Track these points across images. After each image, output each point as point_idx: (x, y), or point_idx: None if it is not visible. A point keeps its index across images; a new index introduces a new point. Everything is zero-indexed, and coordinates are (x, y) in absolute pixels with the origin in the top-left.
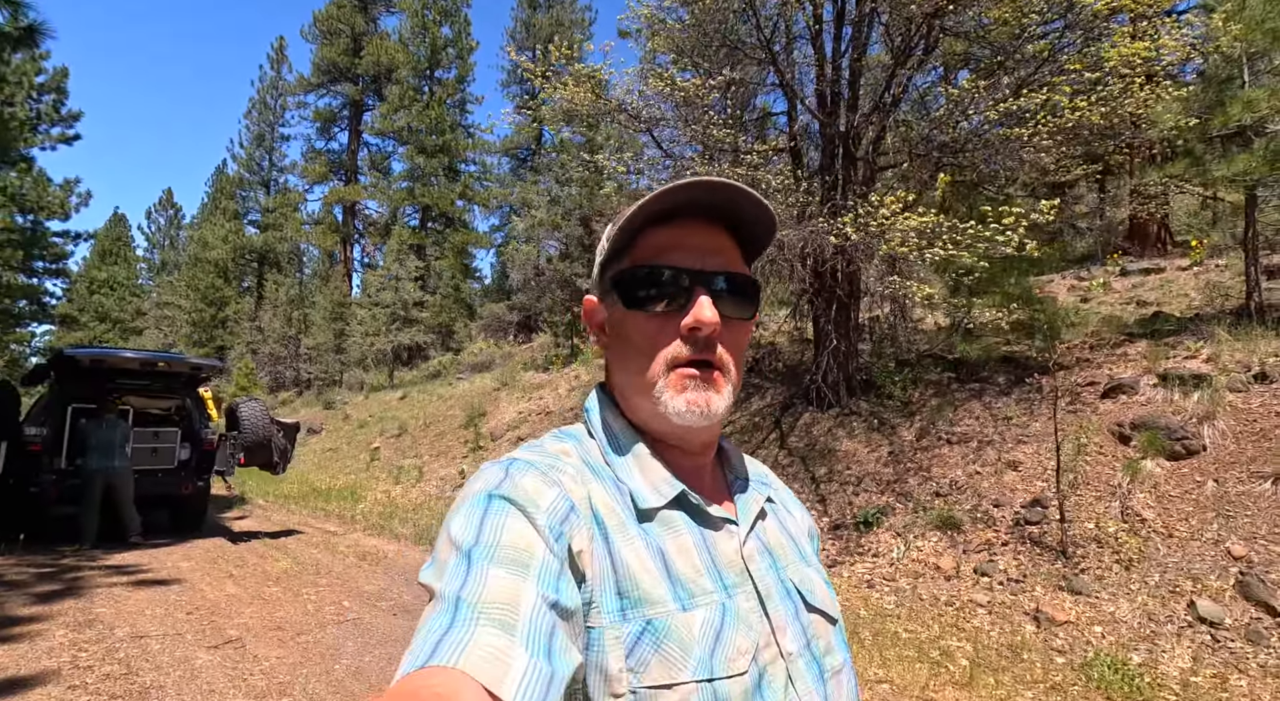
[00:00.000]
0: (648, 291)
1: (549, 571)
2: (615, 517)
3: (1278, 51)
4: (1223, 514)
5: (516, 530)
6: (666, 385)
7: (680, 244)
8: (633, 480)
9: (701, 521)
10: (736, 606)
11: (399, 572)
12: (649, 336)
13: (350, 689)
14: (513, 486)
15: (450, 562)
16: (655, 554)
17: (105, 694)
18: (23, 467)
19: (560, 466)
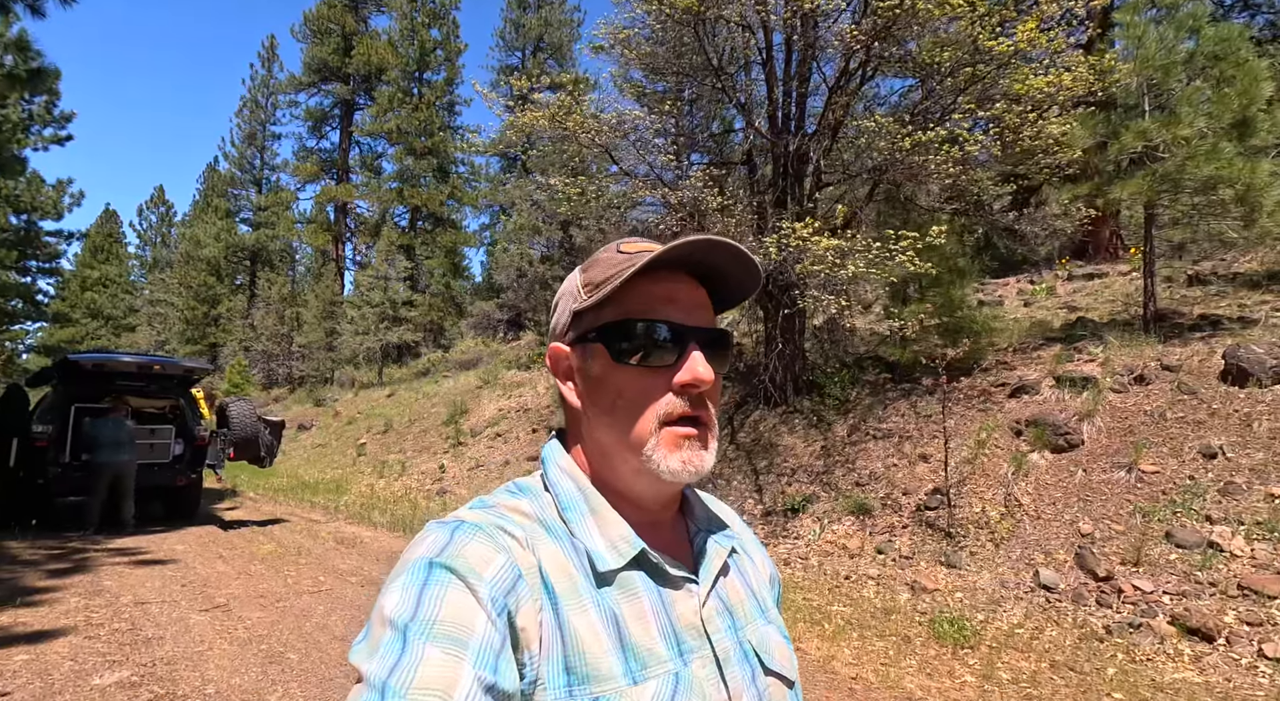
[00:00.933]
0: (642, 346)
1: (488, 649)
2: (568, 582)
3: (1170, 84)
4: (1083, 498)
5: (456, 603)
6: (659, 443)
7: (672, 298)
8: (590, 539)
9: (661, 581)
10: (691, 674)
11: (372, 555)
12: (639, 392)
13: (316, 639)
14: (455, 553)
15: (384, 640)
16: (609, 621)
17: (114, 642)
18: (31, 461)
19: (510, 528)
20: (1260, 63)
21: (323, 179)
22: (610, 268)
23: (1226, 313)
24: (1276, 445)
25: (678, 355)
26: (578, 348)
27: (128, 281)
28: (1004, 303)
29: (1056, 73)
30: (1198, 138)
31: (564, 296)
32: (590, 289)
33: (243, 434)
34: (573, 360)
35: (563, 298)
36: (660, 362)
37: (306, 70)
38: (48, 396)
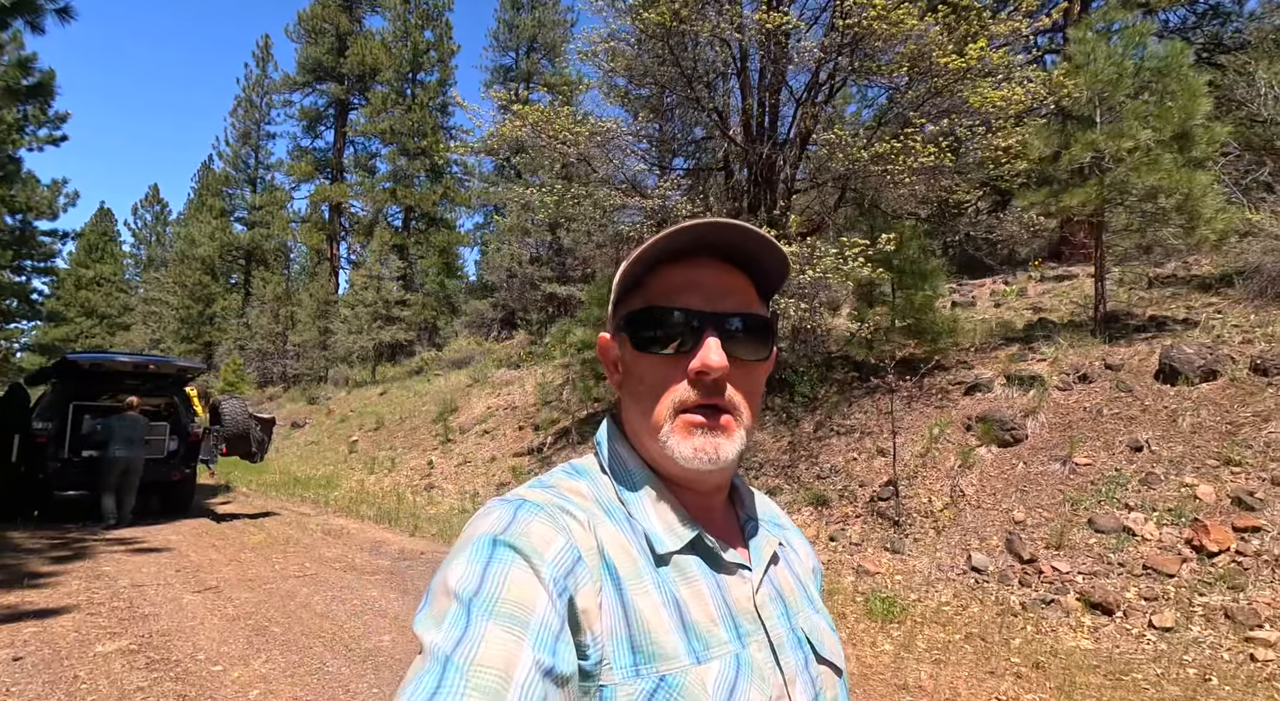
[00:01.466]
0: (656, 333)
1: (548, 631)
2: (629, 563)
3: (1117, 98)
4: (1020, 489)
5: (520, 582)
6: (673, 430)
7: (693, 284)
8: (648, 521)
9: (715, 566)
10: (750, 657)
11: (356, 544)
12: (657, 379)
13: (299, 615)
14: (519, 532)
15: (449, 612)
16: (670, 602)
17: (114, 618)
18: (32, 456)
19: (570, 509)
20: (1200, 79)
21: (317, 178)
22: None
23: (1174, 314)
24: (1196, 438)
25: (695, 342)
26: (616, 337)
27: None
28: (977, 303)
29: (1009, 87)
30: (1141, 149)
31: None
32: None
33: (235, 430)
34: (616, 350)
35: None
36: (677, 350)
37: (301, 70)
38: (47, 394)
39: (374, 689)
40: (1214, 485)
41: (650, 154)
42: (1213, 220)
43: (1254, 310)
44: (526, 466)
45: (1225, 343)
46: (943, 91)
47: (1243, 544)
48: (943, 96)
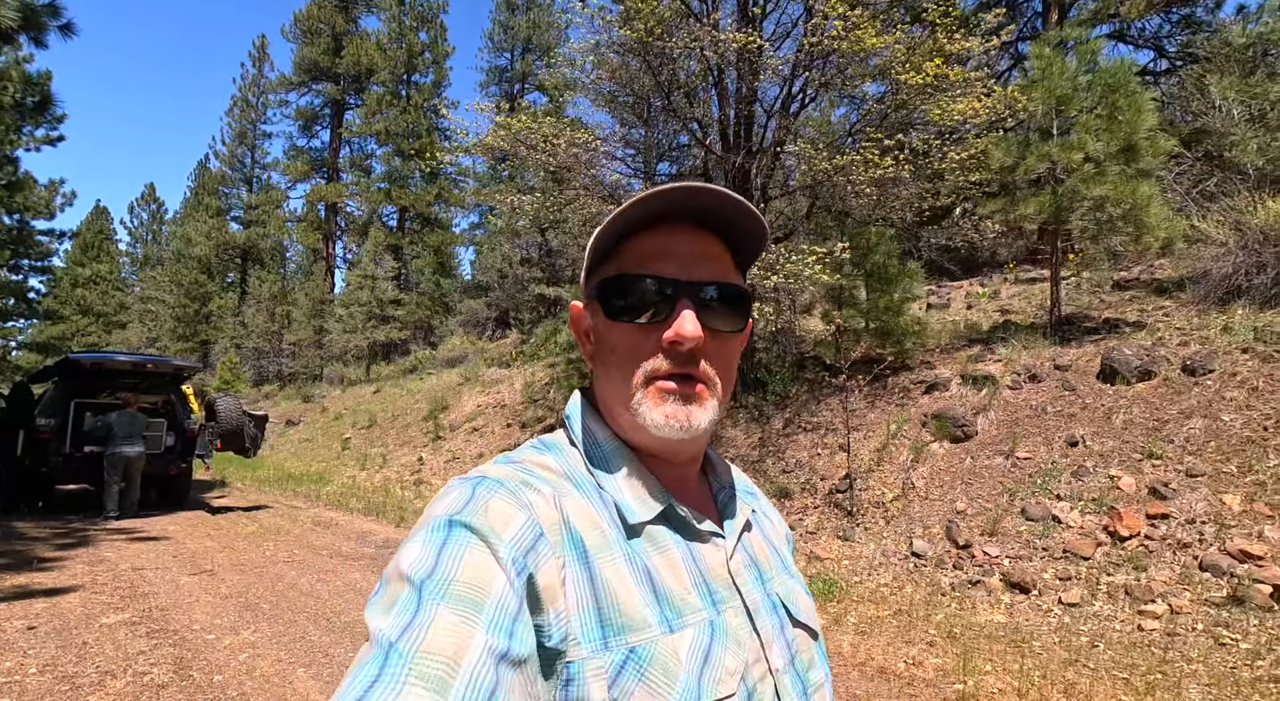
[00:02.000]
0: (629, 301)
1: (504, 613)
2: (598, 536)
3: (1070, 111)
4: (965, 481)
5: (475, 563)
6: (645, 397)
7: (666, 252)
8: (618, 492)
9: (688, 535)
10: (726, 622)
11: (344, 534)
12: (630, 348)
13: (285, 594)
14: (476, 511)
15: (399, 597)
16: (641, 573)
17: (117, 595)
18: (36, 451)
19: (534, 483)
20: (1146, 94)
21: (313, 178)
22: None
23: (1127, 317)
24: (1126, 434)
25: (669, 311)
26: (589, 306)
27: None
28: (951, 305)
29: (968, 100)
30: (1091, 161)
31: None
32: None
33: (229, 427)
34: (587, 320)
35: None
36: (650, 319)
37: (297, 70)
38: (49, 392)
39: (350, 653)
40: (1136, 477)
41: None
42: (1156, 228)
43: (1198, 313)
44: None
45: (1164, 345)
46: (905, 105)
47: (1151, 529)
48: (905, 110)
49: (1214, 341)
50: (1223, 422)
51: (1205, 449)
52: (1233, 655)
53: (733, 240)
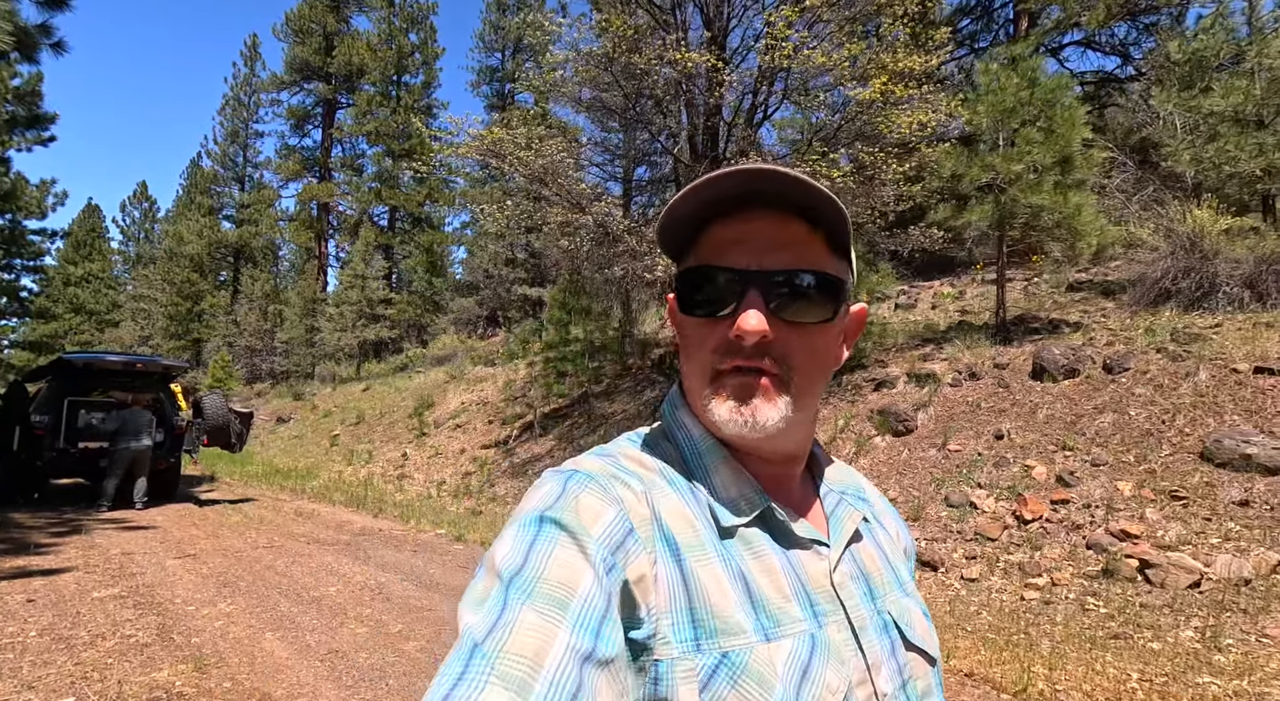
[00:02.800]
0: (701, 294)
1: (591, 611)
2: (691, 534)
3: (1013, 125)
4: (900, 472)
5: (564, 560)
6: (713, 393)
7: (741, 239)
8: (712, 492)
9: (787, 541)
10: (828, 637)
11: (323, 523)
12: (700, 341)
13: (263, 574)
14: (566, 507)
15: (489, 595)
16: (735, 576)
17: (107, 575)
18: (31, 446)
19: (625, 478)
20: (1080, 109)
21: (305, 177)
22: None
23: (1070, 318)
24: (1046, 428)
25: (738, 303)
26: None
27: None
28: (917, 305)
29: (914, 113)
30: (1029, 172)
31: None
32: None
33: (215, 423)
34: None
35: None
36: (718, 311)
37: (288, 69)
38: (43, 391)
39: (315, 621)
40: (1048, 466)
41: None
42: (1089, 235)
43: (1131, 315)
44: (491, 458)
45: (1093, 345)
46: (855, 119)
47: (1053, 513)
48: (855, 123)
49: (1136, 342)
50: (1129, 417)
51: (1111, 441)
52: (1091, 618)
53: (824, 224)
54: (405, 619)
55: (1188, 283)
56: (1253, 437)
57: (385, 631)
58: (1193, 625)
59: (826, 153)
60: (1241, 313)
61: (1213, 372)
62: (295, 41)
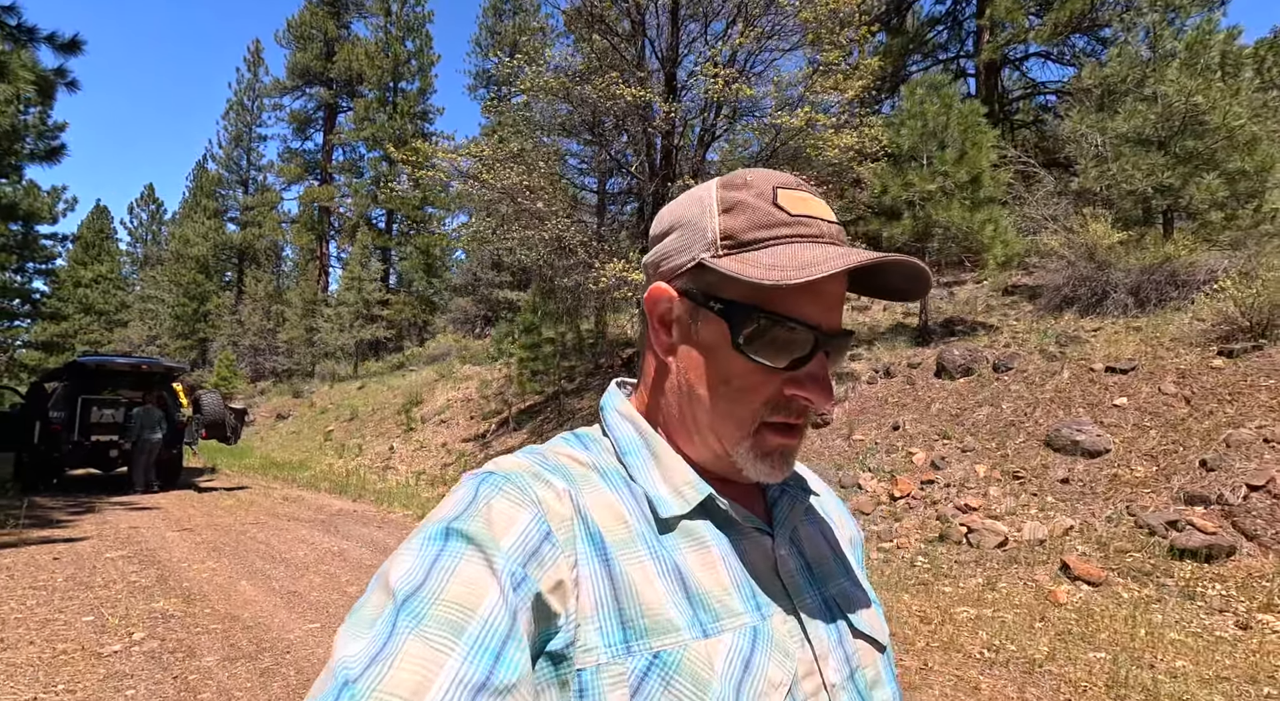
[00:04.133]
0: (769, 341)
1: (491, 633)
2: (623, 530)
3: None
4: (809, 459)
5: (467, 577)
6: (752, 445)
7: (817, 292)
8: (651, 483)
9: (730, 531)
10: (771, 629)
11: (307, 506)
12: (750, 388)
13: (245, 543)
14: (474, 515)
15: (377, 619)
16: (670, 571)
17: (117, 541)
18: (49, 440)
19: (546, 476)
20: (990, 133)
21: (306, 180)
22: (760, 224)
23: (990, 321)
24: (934, 420)
25: (804, 358)
26: (689, 303)
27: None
28: (871, 307)
29: (838, 137)
30: (940, 192)
31: (688, 226)
32: (730, 246)
33: (212, 418)
34: (678, 310)
35: (686, 227)
36: (782, 363)
37: (290, 74)
38: (58, 390)
39: (281, 573)
40: (927, 452)
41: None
42: (993, 248)
43: (1037, 318)
44: (469, 450)
45: (993, 346)
46: (786, 144)
47: (919, 492)
48: (787, 147)
49: (1028, 344)
50: (1001, 410)
51: (981, 431)
52: (913, 572)
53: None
54: (355, 573)
55: (1084, 290)
56: (1085, 427)
57: (336, 581)
58: (984, 574)
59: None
60: (1124, 317)
61: (1074, 371)
62: (297, 47)
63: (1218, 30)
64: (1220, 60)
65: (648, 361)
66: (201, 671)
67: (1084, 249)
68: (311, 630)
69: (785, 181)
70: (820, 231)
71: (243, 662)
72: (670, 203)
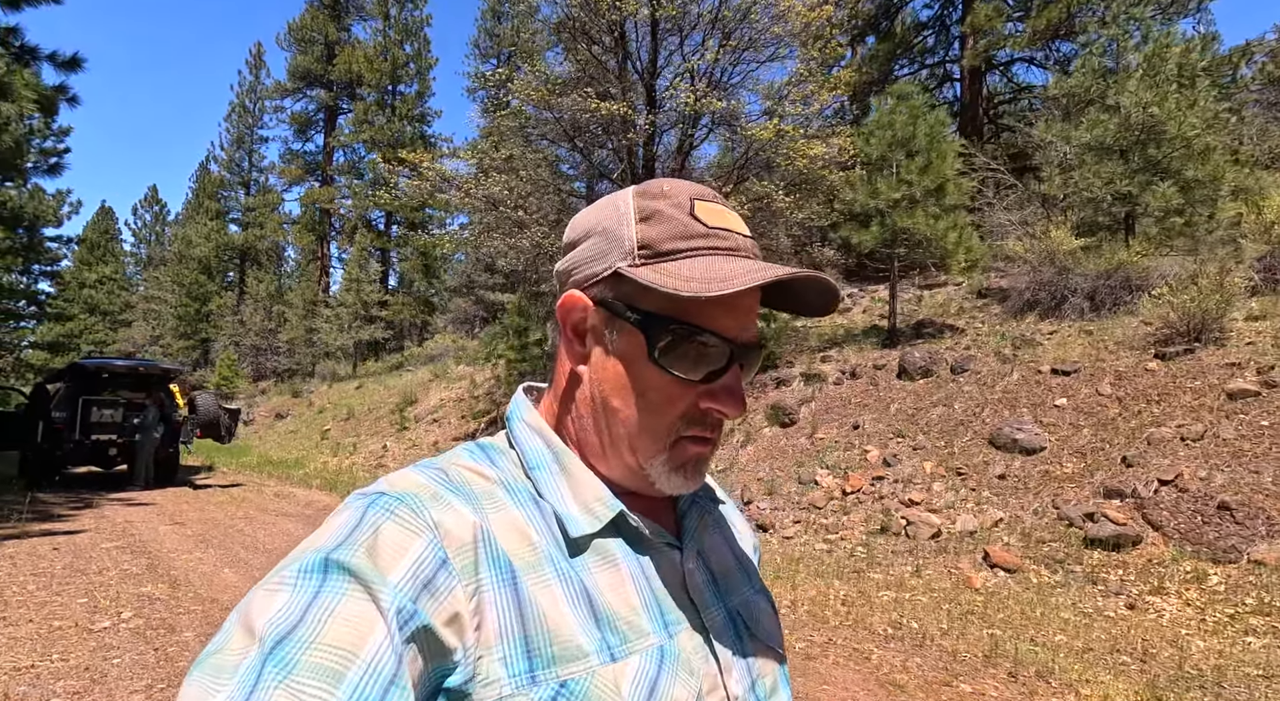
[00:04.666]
0: (684, 353)
1: (373, 679)
2: (530, 552)
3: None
4: (775, 456)
5: (348, 617)
6: (669, 458)
7: (733, 306)
8: (560, 501)
9: (640, 548)
10: (679, 647)
11: (296, 502)
12: (666, 401)
13: (233, 536)
14: (358, 546)
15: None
16: (578, 594)
17: (114, 534)
18: (51, 439)
19: (447, 496)
20: (953, 145)
21: (308, 181)
22: (678, 235)
23: (957, 323)
24: (892, 419)
25: (720, 372)
26: (604, 312)
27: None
28: (853, 309)
29: (807, 145)
30: (907, 199)
31: (604, 234)
32: (647, 255)
33: (207, 418)
34: (593, 320)
35: (602, 235)
36: (697, 375)
37: (291, 77)
38: (60, 391)
39: (262, 561)
40: (881, 450)
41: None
42: (955, 254)
43: (1001, 321)
44: None
45: (954, 349)
46: (759, 153)
47: (870, 487)
48: (760, 157)
49: (986, 346)
50: (953, 409)
51: (934, 430)
52: (852, 561)
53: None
54: None
55: (1045, 294)
56: (1025, 426)
57: None
58: (913, 563)
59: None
60: (1080, 321)
61: (1024, 373)
62: (298, 50)
63: (1176, 43)
64: (1178, 72)
65: (559, 370)
66: (180, 644)
67: (1046, 254)
68: None
69: (702, 193)
70: (736, 244)
71: None
72: (584, 209)
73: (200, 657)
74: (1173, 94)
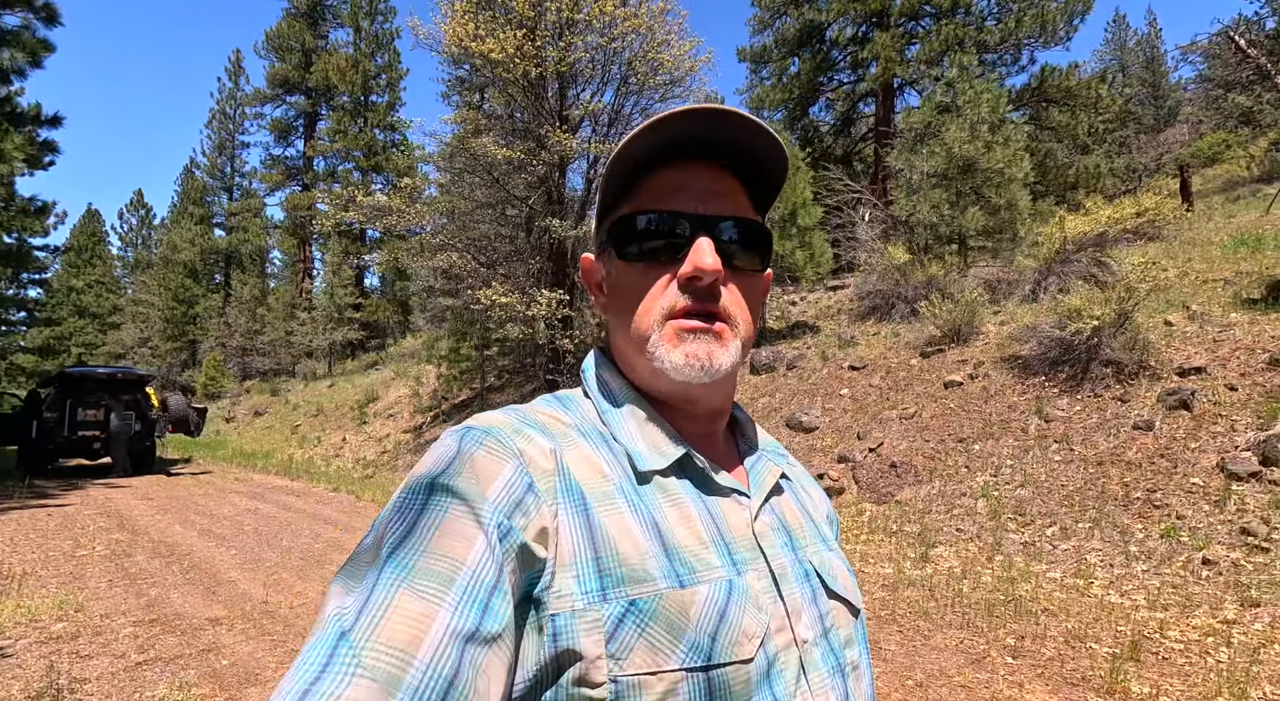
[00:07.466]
0: (643, 240)
1: (479, 584)
2: (603, 484)
3: None
4: None
5: (453, 530)
6: (662, 338)
7: (681, 187)
8: (630, 440)
9: (707, 490)
10: (746, 584)
11: (254, 484)
12: (644, 288)
13: (193, 507)
14: (459, 469)
15: (367, 573)
16: (648, 524)
17: (98, 510)
18: (44, 435)
19: (529, 431)
20: (805, 175)
21: (289, 186)
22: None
23: (823, 325)
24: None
25: (686, 247)
26: (602, 254)
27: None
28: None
29: None
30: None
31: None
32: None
33: (177, 415)
34: (598, 272)
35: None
36: (665, 256)
37: (270, 84)
38: (51, 394)
39: (205, 521)
40: None
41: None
42: (805, 270)
43: (848, 324)
44: (406, 440)
45: (795, 348)
46: None
47: None
48: None
49: (823, 346)
50: (774, 399)
51: (756, 415)
52: None
53: (751, 180)
54: (260, 521)
55: (880, 301)
56: (811, 411)
57: (241, 525)
58: None
59: None
60: (901, 324)
61: (831, 369)
62: (276, 57)
63: (997, 89)
64: (990, 112)
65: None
66: (135, 563)
67: (885, 267)
68: (207, 545)
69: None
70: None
71: (159, 559)
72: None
73: (342, 566)
74: (982, 135)
